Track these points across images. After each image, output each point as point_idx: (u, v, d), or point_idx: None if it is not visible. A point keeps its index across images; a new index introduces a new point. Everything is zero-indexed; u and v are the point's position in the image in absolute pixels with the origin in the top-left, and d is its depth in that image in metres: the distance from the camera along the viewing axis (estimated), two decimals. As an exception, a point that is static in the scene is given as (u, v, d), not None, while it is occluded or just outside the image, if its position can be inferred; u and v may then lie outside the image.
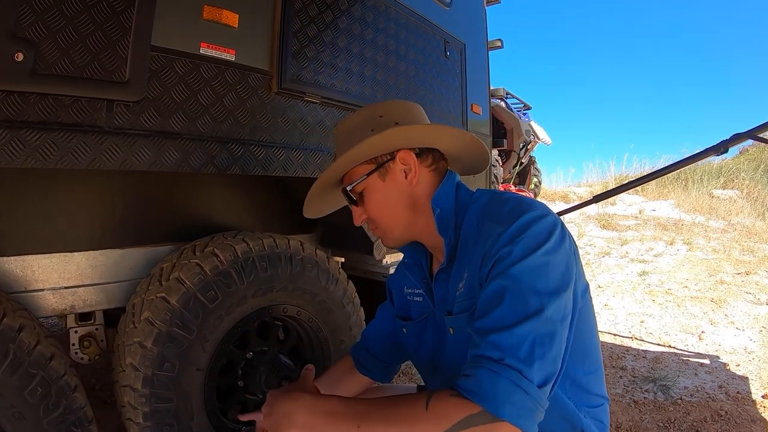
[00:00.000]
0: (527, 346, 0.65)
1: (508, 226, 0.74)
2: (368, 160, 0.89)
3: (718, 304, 3.86)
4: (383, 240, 0.94)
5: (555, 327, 0.68)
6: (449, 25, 2.29)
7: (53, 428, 1.01)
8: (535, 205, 0.78)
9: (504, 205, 0.79)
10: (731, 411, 2.22)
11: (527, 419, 0.63)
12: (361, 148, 0.84)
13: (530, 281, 0.69)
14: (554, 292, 0.69)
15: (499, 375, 0.64)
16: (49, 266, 1.22)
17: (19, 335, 0.97)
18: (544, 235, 0.73)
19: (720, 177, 8.54)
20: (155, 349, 1.17)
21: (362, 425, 0.67)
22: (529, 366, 0.64)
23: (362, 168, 0.89)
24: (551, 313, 0.68)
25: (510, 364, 0.64)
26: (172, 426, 1.22)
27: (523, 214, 0.75)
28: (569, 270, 0.73)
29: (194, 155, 1.22)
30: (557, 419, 0.82)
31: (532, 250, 0.71)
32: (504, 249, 0.72)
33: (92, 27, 1.03)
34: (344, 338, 1.64)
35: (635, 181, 2.61)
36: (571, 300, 0.74)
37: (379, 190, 0.89)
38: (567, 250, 0.75)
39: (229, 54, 1.31)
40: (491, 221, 0.78)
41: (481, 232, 0.80)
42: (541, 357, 0.65)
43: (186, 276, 1.22)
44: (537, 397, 0.64)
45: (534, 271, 0.70)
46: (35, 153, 0.97)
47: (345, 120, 0.95)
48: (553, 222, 0.75)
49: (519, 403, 0.63)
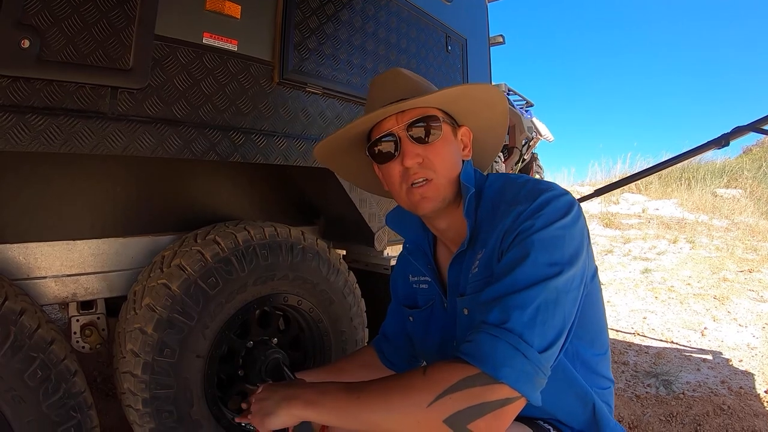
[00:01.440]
0: (531, 310, 0.66)
1: (529, 204, 0.75)
2: (445, 113, 0.88)
3: (721, 301, 3.85)
4: (425, 200, 0.84)
5: (561, 297, 0.69)
6: (450, 20, 2.30)
7: (52, 412, 1.01)
8: (553, 185, 0.80)
9: (521, 188, 0.80)
10: (734, 405, 2.21)
11: (526, 383, 0.63)
12: (457, 92, 0.83)
13: (546, 251, 0.70)
14: (566, 264, 0.70)
15: (499, 338, 0.64)
16: (52, 254, 1.23)
17: (21, 318, 0.98)
18: (563, 211, 0.74)
19: (723, 176, 8.51)
20: (155, 335, 1.17)
21: (362, 396, 0.68)
22: (530, 330, 0.65)
23: (441, 113, 0.86)
24: (560, 283, 0.69)
25: (511, 328, 0.65)
26: (171, 413, 1.22)
27: (543, 193, 0.76)
28: (581, 247, 0.75)
29: (196, 142, 1.23)
30: (570, 396, 0.83)
31: (551, 222, 0.72)
32: (526, 223, 0.73)
33: (97, 15, 1.05)
34: (345, 329, 1.65)
35: (636, 174, 2.60)
36: (581, 277, 0.74)
37: (450, 141, 0.87)
38: (581, 228, 0.76)
39: (231, 44, 1.32)
40: (509, 204, 0.79)
41: (497, 214, 0.80)
42: (543, 323, 0.66)
43: (187, 263, 1.23)
44: (537, 362, 0.64)
45: (550, 241, 0.71)
46: (40, 137, 0.98)
47: (402, 70, 0.91)
48: (570, 200, 0.77)
49: (518, 366, 0.63)
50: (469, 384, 0.63)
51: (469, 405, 0.62)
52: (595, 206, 7.68)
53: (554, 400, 0.81)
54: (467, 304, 0.84)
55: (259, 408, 0.78)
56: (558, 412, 0.85)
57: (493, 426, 0.63)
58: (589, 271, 0.81)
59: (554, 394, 0.79)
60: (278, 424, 0.75)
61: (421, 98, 0.81)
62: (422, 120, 0.83)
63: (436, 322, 0.98)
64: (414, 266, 1.03)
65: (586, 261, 0.76)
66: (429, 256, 1.00)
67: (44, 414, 1.00)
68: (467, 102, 0.88)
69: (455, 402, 0.63)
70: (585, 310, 0.80)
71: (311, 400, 0.72)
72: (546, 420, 0.86)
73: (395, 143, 0.84)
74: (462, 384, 0.63)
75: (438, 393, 0.63)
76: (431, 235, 1.01)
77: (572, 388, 0.83)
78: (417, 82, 0.89)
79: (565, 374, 0.81)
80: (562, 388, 0.81)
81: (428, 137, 0.83)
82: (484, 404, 0.62)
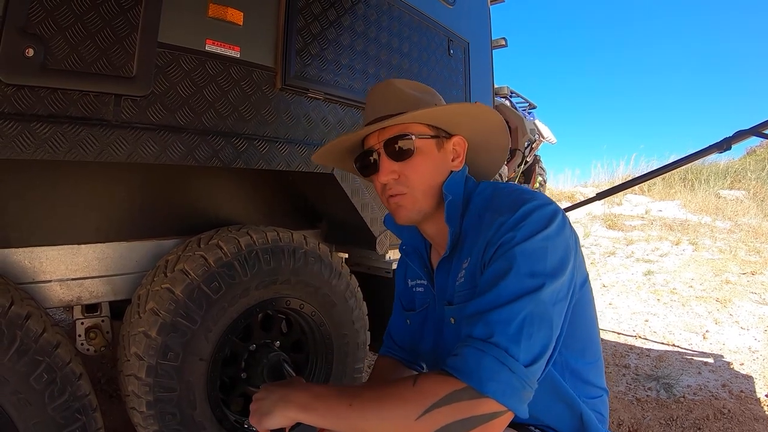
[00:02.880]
0: (516, 324, 0.66)
1: (511, 215, 0.76)
2: (430, 127, 0.89)
3: (723, 304, 3.85)
4: (400, 209, 0.89)
5: (547, 309, 0.69)
6: (453, 24, 2.31)
7: (58, 414, 1.02)
8: (537, 195, 0.80)
9: (506, 197, 0.81)
10: (734, 409, 2.21)
11: (512, 397, 0.64)
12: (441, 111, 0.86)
13: (528, 263, 0.70)
14: (550, 276, 0.70)
15: (485, 353, 0.65)
16: (57, 258, 1.24)
17: (27, 323, 0.99)
18: (545, 221, 0.74)
19: (727, 177, 8.48)
20: (159, 338, 1.19)
21: (354, 403, 0.69)
22: (516, 344, 0.65)
23: (422, 128, 0.89)
24: (545, 296, 0.69)
25: (496, 342, 0.65)
26: (174, 415, 1.24)
27: (525, 203, 0.77)
28: (567, 257, 0.74)
29: (199, 149, 1.24)
30: (557, 403, 0.83)
31: (533, 234, 0.72)
32: (507, 235, 0.74)
33: (101, 24, 1.06)
34: (347, 332, 1.66)
35: (638, 178, 2.61)
36: (567, 287, 0.74)
37: (431, 156, 0.88)
38: (566, 238, 0.76)
39: (234, 51, 1.33)
40: (493, 212, 0.79)
41: (482, 223, 0.81)
42: (529, 337, 0.66)
43: (190, 267, 1.24)
44: (523, 376, 0.64)
45: (533, 254, 0.71)
46: (44, 145, 1.00)
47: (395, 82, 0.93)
48: (554, 210, 0.77)
49: (504, 380, 0.63)
50: (456, 398, 0.64)
51: (458, 419, 0.63)
52: (598, 207, 7.66)
53: (543, 407, 0.82)
54: (454, 313, 0.85)
55: (257, 408, 0.79)
56: (547, 419, 0.85)
57: None
58: (579, 279, 0.81)
59: (543, 402, 0.79)
60: (275, 425, 0.76)
61: (398, 117, 0.84)
62: (399, 138, 0.86)
63: (429, 325, 0.99)
64: (412, 269, 1.05)
65: (573, 271, 0.76)
66: (425, 259, 1.01)
67: (50, 416, 1.01)
68: (454, 116, 0.89)
69: (444, 416, 0.63)
70: (574, 320, 0.80)
71: (305, 405, 0.73)
72: (537, 426, 0.86)
73: (376, 158, 0.89)
74: (450, 398, 0.64)
75: (427, 406, 0.64)
76: (426, 240, 1.03)
77: (561, 397, 0.83)
78: (404, 97, 0.91)
79: (554, 384, 0.82)
80: (550, 397, 0.82)
81: (404, 155, 0.87)
82: (472, 418, 0.63)
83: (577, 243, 0.80)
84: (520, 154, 4.33)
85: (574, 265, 0.77)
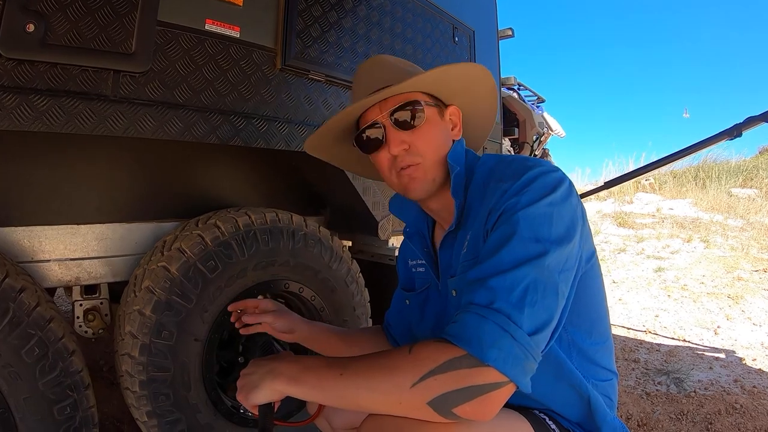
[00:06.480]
0: (520, 290, 0.62)
1: (515, 181, 0.73)
2: (430, 96, 0.87)
3: (735, 300, 3.78)
4: (413, 182, 0.84)
5: (552, 276, 0.65)
6: (458, 11, 2.28)
7: (48, 390, 1.01)
8: (542, 162, 0.77)
9: (509, 166, 0.78)
10: (746, 404, 2.16)
11: (515, 367, 0.59)
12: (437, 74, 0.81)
13: (532, 228, 0.67)
14: (556, 242, 0.67)
15: (486, 319, 0.61)
16: (56, 237, 1.24)
17: (20, 296, 0.98)
18: (550, 187, 0.71)
19: (738, 176, 8.34)
20: (153, 316, 1.17)
21: (345, 373, 0.65)
22: (519, 311, 0.61)
23: (424, 97, 0.85)
24: (550, 262, 0.65)
25: (498, 308, 0.61)
26: (168, 396, 1.22)
27: (529, 170, 0.74)
28: (573, 225, 0.71)
29: (197, 126, 1.23)
30: (564, 386, 0.79)
31: (537, 199, 0.69)
32: (511, 200, 0.71)
33: (101, 1, 1.06)
34: (348, 318, 1.64)
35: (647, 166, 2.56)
36: (574, 257, 0.71)
37: (436, 123, 0.86)
38: (573, 206, 0.73)
39: (233, 31, 1.32)
40: (497, 181, 0.77)
41: (486, 193, 0.78)
42: (533, 304, 0.62)
43: (187, 246, 1.23)
44: (526, 344, 0.60)
45: (537, 219, 0.68)
46: (42, 117, 0.99)
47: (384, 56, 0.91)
48: (560, 177, 0.74)
49: (506, 348, 0.59)
50: (455, 365, 0.60)
51: (455, 388, 0.59)
52: (609, 206, 7.58)
53: (547, 390, 0.78)
54: (456, 284, 0.82)
55: (245, 383, 0.76)
56: (552, 402, 0.81)
57: (479, 411, 0.60)
58: (586, 253, 0.77)
59: (547, 384, 0.76)
60: (262, 399, 0.73)
61: (402, 84, 0.80)
62: (405, 106, 0.82)
63: (431, 306, 0.96)
64: (413, 250, 1.02)
65: (580, 242, 0.73)
66: (427, 239, 0.98)
67: (40, 391, 1.00)
68: (450, 81, 0.86)
69: (440, 384, 0.60)
70: (581, 296, 0.76)
71: (294, 377, 0.70)
72: (542, 410, 0.82)
73: (381, 132, 0.84)
74: (448, 365, 0.60)
75: (422, 373, 0.60)
76: (430, 219, 1.00)
77: (566, 377, 0.79)
78: (400, 68, 0.88)
79: (559, 363, 0.78)
80: (555, 377, 0.78)
81: (413, 122, 0.83)
82: (471, 388, 0.59)
83: (584, 214, 0.77)
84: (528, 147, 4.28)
85: (581, 236, 0.74)
